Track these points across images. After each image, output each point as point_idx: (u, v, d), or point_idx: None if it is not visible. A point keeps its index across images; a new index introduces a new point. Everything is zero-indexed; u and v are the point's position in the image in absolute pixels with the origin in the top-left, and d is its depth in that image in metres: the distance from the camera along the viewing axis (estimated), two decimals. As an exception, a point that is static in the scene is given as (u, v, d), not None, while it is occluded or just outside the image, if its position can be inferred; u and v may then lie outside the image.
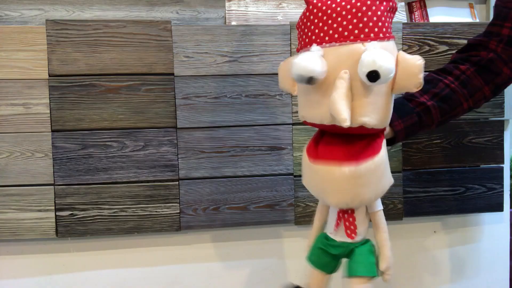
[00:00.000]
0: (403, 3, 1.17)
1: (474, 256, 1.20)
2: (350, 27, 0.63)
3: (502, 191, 1.14)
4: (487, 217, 1.20)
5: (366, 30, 0.63)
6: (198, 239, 1.10)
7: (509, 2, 0.79)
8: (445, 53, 1.08)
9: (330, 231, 0.76)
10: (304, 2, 0.70)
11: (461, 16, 1.17)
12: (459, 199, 1.12)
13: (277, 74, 1.03)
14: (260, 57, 1.03)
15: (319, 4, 0.66)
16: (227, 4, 1.09)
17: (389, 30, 0.65)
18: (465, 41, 0.91)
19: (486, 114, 1.11)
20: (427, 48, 1.08)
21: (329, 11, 0.64)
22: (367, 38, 0.62)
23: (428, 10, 1.17)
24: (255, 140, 1.04)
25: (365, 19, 0.63)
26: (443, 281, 1.19)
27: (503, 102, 1.11)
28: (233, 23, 1.08)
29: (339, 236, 0.75)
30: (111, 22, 0.99)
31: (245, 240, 1.11)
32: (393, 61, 0.61)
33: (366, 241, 0.75)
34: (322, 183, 0.69)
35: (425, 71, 0.65)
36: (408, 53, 1.05)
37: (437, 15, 1.17)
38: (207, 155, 1.03)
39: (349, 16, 0.63)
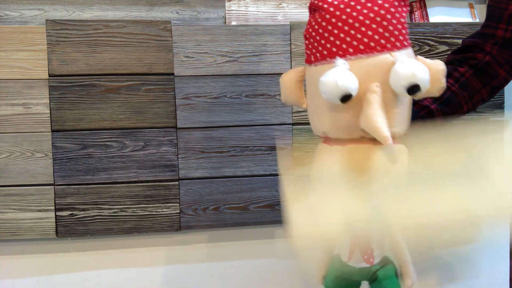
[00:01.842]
0: (403, 3, 1.17)
1: (474, 256, 1.20)
2: (377, 37, 0.59)
3: (502, 191, 1.13)
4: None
5: (392, 39, 0.60)
6: (198, 239, 1.10)
7: (502, 2, 0.79)
8: (445, 53, 1.08)
9: (345, 260, 0.71)
10: (310, 7, 0.65)
11: (461, 16, 1.17)
12: (459, 199, 1.12)
13: (277, 74, 1.04)
14: (260, 57, 1.03)
15: (338, 13, 0.60)
16: (227, 4, 1.09)
17: (408, 36, 0.63)
18: (465, 37, 0.91)
19: (486, 114, 1.11)
20: (427, 48, 1.07)
21: (350, 21, 0.59)
22: (393, 48, 0.60)
23: (428, 10, 1.17)
24: (255, 140, 1.04)
25: (390, 27, 0.59)
26: (443, 281, 1.19)
27: (503, 102, 1.11)
28: (233, 23, 1.08)
29: (357, 263, 0.69)
30: (111, 22, 0.99)
31: (245, 240, 1.11)
32: (428, 70, 0.57)
33: (386, 261, 0.71)
34: (349, 161, 0.62)
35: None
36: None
37: (437, 15, 1.17)
38: (207, 155, 1.03)
39: (374, 26, 0.59)
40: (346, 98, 0.57)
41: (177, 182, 1.02)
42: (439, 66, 0.60)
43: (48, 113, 0.98)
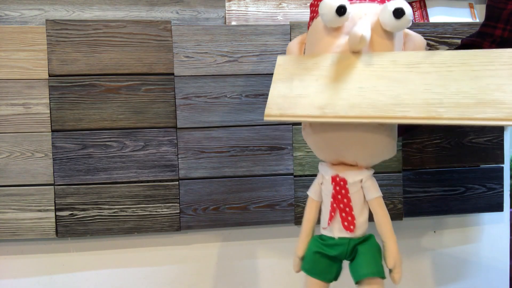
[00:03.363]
0: (403, 3, 1.17)
1: (474, 256, 1.20)
2: None
3: (502, 191, 1.14)
4: (487, 217, 1.20)
5: None
6: (198, 239, 1.10)
7: (500, 2, 0.80)
8: (445, 53, 1.08)
9: (324, 226, 0.70)
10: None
11: (461, 16, 1.17)
12: (459, 199, 1.12)
13: (277, 74, 1.04)
14: (260, 57, 1.03)
15: None
16: (227, 4, 1.09)
17: None
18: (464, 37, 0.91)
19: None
20: (427, 48, 1.07)
21: None
22: (383, 1, 0.69)
23: (428, 10, 1.17)
24: (255, 140, 1.04)
25: None
26: (443, 281, 1.19)
27: (503, 102, 1.11)
28: (233, 23, 1.08)
29: (336, 231, 0.68)
30: (111, 22, 0.99)
31: (245, 240, 1.11)
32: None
33: (369, 236, 0.69)
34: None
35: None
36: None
37: (437, 15, 1.17)
38: (207, 155, 1.03)
39: None
40: (341, 9, 0.65)
41: (177, 182, 1.02)
42: (421, 36, 0.71)
43: (48, 113, 0.98)
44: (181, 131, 1.02)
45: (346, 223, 0.68)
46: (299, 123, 1.05)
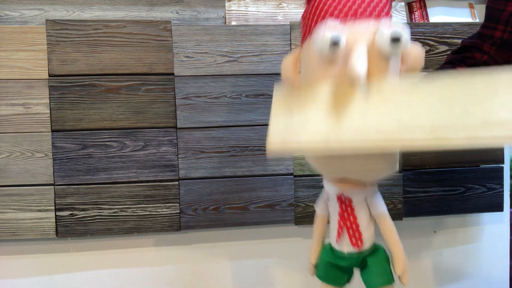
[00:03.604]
0: (403, 3, 1.17)
1: (474, 256, 1.20)
2: (363, 6, 0.65)
3: (502, 191, 1.14)
4: (487, 217, 1.20)
5: (377, 10, 0.65)
6: (198, 239, 1.10)
7: (500, 4, 0.80)
8: (445, 53, 1.08)
9: (333, 243, 0.72)
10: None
11: (461, 16, 1.17)
12: (459, 199, 1.12)
13: (277, 74, 1.04)
14: (260, 57, 1.03)
15: None
16: (227, 4, 1.09)
17: (391, 11, 0.68)
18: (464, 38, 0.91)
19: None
20: (427, 48, 1.08)
21: (343, 1, 0.66)
22: (379, 17, 0.65)
23: (428, 10, 1.17)
24: (255, 140, 1.04)
25: (380, 5, 0.66)
26: (443, 281, 1.19)
27: (503, 102, 1.11)
28: (233, 23, 1.08)
29: (345, 247, 0.70)
30: (111, 22, 0.99)
31: (245, 240, 1.11)
32: (409, 32, 0.64)
33: (377, 248, 0.71)
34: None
35: (424, 71, 0.65)
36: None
37: (437, 15, 1.17)
38: (207, 155, 1.03)
39: (364, 4, 0.65)
40: (335, 42, 0.62)
41: (177, 182, 1.02)
42: (417, 46, 0.66)
43: (48, 113, 0.98)
44: (181, 131, 1.02)
45: (353, 240, 0.70)
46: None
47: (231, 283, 1.11)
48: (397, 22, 0.63)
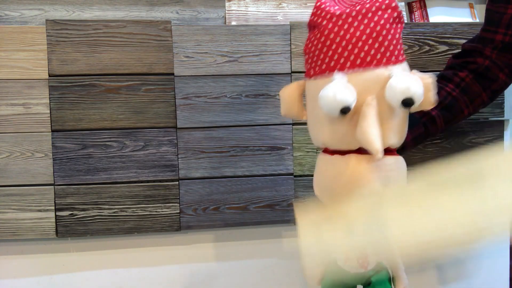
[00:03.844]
0: (403, 3, 1.17)
1: (474, 256, 1.20)
2: (372, 52, 0.62)
3: (502, 191, 1.13)
4: (487, 217, 1.20)
5: (388, 54, 0.62)
6: (198, 239, 1.10)
7: (501, 6, 0.79)
8: (445, 53, 1.08)
9: (340, 264, 0.72)
10: (309, 24, 0.68)
11: (461, 16, 1.17)
12: (459, 199, 1.12)
13: (277, 74, 1.04)
14: (260, 57, 1.03)
15: (336, 29, 0.63)
16: (227, 4, 1.09)
17: (402, 51, 0.66)
18: (465, 41, 0.91)
19: (486, 114, 1.11)
20: (427, 48, 1.07)
21: (348, 37, 0.62)
22: (389, 62, 0.62)
23: (428, 10, 1.17)
24: (255, 140, 1.04)
25: (386, 43, 0.62)
26: (443, 281, 1.19)
27: (503, 102, 1.11)
28: (233, 23, 1.08)
29: (352, 268, 0.71)
30: (111, 22, 0.99)
31: (245, 240, 1.11)
32: (422, 85, 0.60)
33: (380, 268, 0.73)
34: (348, 172, 0.64)
35: (425, 71, 0.65)
36: (408, 53, 1.06)
37: (437, 15, 1.17)
38: (207, 155, 1.03)
39: (370, 41, 0.62)
40: (345, 110, 0.59)
41: (177, 182, 1.02)
42: (427, 80, 0.62)
43: (48, 113, 0.98)
44: (181, 131, 1.02)
45: (361, 261, 0.70)
46: (299, 123, 1.05)
47: (231, 283, 1.11)
48: (406, 75, 0.59)
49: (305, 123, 1.05)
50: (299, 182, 1.06)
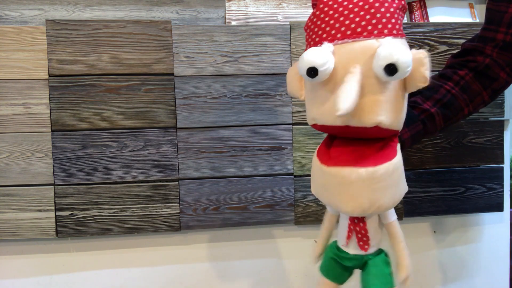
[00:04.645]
0: (403, 3, 1.17)
1: (474, 256, 1.20)
2: (363, 23, 0.61)
3: (502, 191, 1.14)
4: (487, 217, 1.20)
5: (380, 26, 0.61)
6: (198, 239, 1.10)
7: (502, 5, 0.79)
8: (445, 53, 1.08)
9: (342, 244, 0.73)
10: (313, 3, 0.68)
11: (461, 16, 1.17)
12: (459, 199, 1.12)
13: (277, 74, 1.04)
14: (260, 57, 1.03)
15: (330, 2, 0.64)
16: (227, 4, 1.09)
17: (401, 28, 0.64)
18: (464, 41, 0.91)
19: (486, 114, 1.11)
20: (427, 48, 1.08)
21: (340, 9, 0.62)
22: (380, 34, 0.60)
23: (428, 10, 1.17)
24: (255, 140, 1.04)
25: (378, 15, 0.61)
26: (443, 281, 1.19)
27: (503, 102, 1.11)
28: (233, 23, 1.08)
29: (352, 249, 0.72)
30: (111, 22, 0.99)
31: (245, 240, 1.11)
32: (410, 54, 0.58)
33: (379, 252, 0.72)
34: (335, 187, 0.64)
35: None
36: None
37: (437, 15, 1.17)
38: (207, 155, 1.03)
39: (362, 13, 0.61)
40: (311, 71, 0.59)
41: (177, 182, 1.02)
42: (420, 54, 0.60)
43: (48, 113, 0.98)
44: (181, 131, 1.02)
45: (361, 243, 0.71)
46: (299, 123, 1.05)
47: (231, 283, 1.11)
48: (394, 44, 0.58)
49: (305, 124, 1.06)
50: (299, 182, 1.06)
